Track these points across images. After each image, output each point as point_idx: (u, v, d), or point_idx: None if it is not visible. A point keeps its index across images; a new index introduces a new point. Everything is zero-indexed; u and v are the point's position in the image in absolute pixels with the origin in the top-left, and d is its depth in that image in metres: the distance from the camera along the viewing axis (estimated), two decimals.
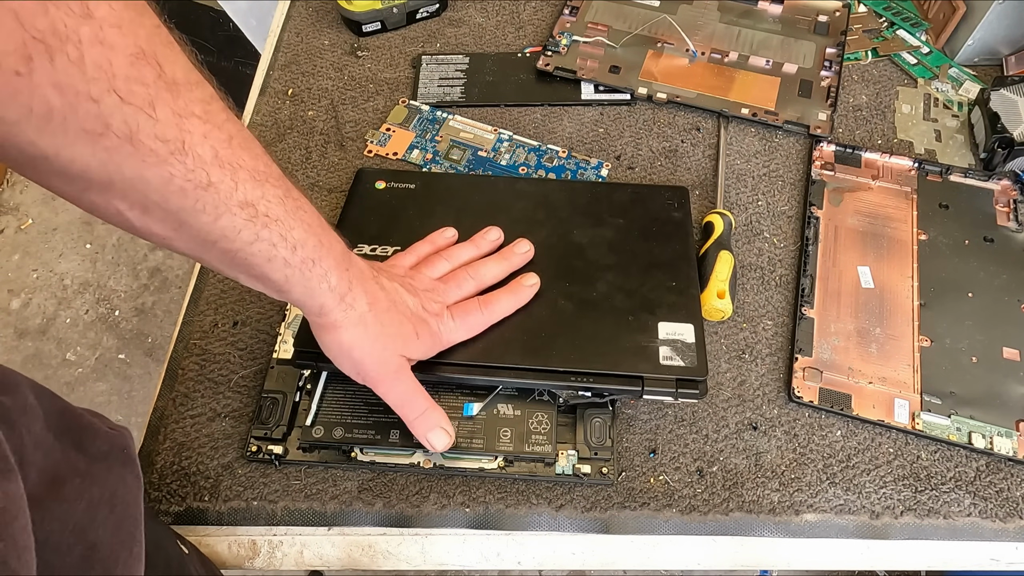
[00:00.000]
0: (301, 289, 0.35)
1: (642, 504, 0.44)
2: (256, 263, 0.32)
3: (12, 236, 1.49)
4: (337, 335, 0.38)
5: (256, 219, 0.31)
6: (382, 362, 0.39)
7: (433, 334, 0.41)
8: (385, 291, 0.39)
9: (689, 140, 0.60)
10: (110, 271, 1.45)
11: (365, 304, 0.38)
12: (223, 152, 0.29)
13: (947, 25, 0.65)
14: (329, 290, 0.36)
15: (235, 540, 0.44)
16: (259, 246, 0.32)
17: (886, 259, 0.53)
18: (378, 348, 0.39)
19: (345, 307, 0.37)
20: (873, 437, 0.46)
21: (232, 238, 0.31)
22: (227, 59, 1.16)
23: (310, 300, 0.36)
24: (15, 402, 0.27)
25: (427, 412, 0.41)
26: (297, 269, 0.34)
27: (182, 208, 0.28)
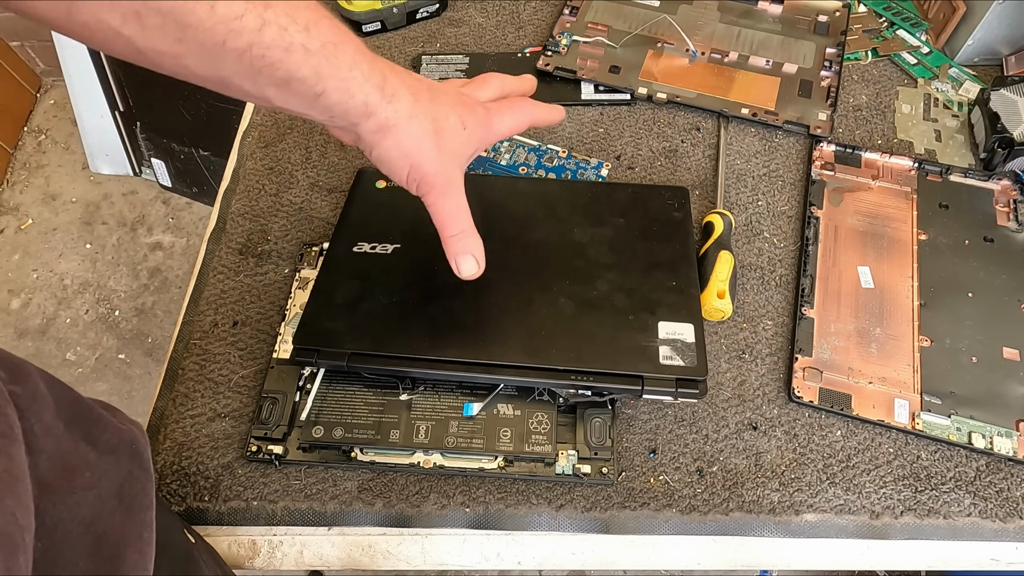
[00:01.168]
0: (336, 83, 0.32)
1: (642, 504, 0.44)
2: (275, 58, 0.30)
3: (12, 236, 1.49)
4: (396, 137, 0.35)
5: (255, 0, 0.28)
6: (442, 166, 0.37)
7: (481, 122, 0.39)
8: (422, 82, 0.36)
9: (689, 140, 0.60)
10: (110, 271, 1.45)
11: (408, 95, 0.35)
12: None
13: (947, 25, 0.65)
14: (364, 79, 0.33)
15: (235, 540, 0.44)
16: (269, 32, 0.29)
17: (886, 259, 0.53)
18: (435, 146, 0.36)
19: (389, 98, 0.34)
20: (873, 437, 0.46)
21: (238, 29, 0.28)
22: None
23: (351, 99, 0.33)
24: (26, 390, 0.27)
25: (465, 233, 0.39)
26: (321, 56, 0.31)
27: (173, 2, 0.26)
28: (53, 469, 0.27)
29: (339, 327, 0.44)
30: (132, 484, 0.32)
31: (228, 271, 0.53)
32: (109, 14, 0.26)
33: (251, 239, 0.55)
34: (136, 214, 1.51)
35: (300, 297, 0.50)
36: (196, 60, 0.29)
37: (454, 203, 0.38)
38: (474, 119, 0.38)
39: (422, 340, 0.44)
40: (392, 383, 0.46)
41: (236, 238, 0.55)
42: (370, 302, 0.46)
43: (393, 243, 0.49)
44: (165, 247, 1.48)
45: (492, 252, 0.48)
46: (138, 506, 0.32)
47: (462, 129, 0.37)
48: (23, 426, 0.26)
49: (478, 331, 0.44)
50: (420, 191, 0.38)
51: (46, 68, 1.61)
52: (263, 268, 0.53)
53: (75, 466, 0.29)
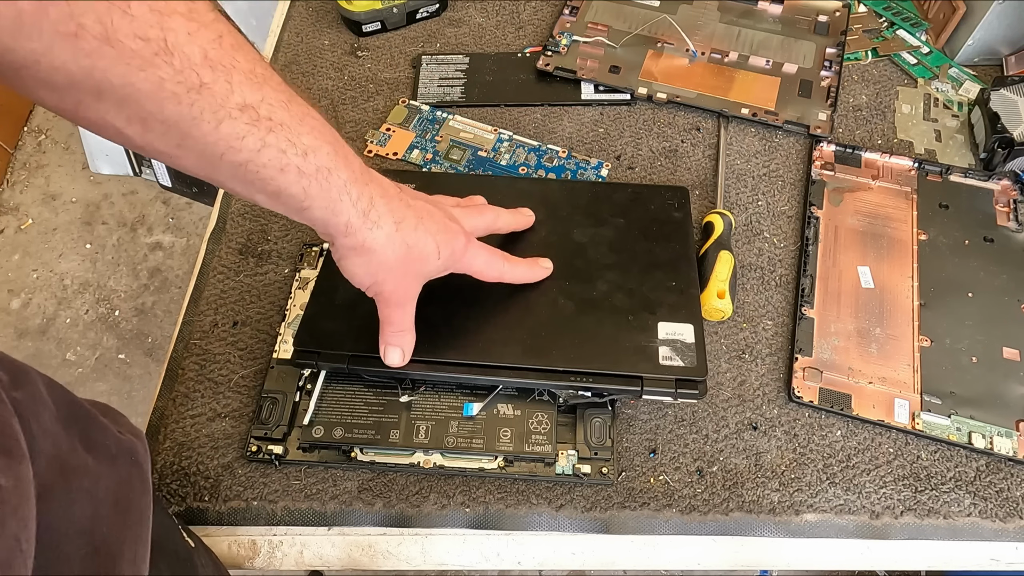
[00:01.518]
0: (322, 203, 0.33)
1: (642, 504, 0.44)
2: (268, 175, 0.31)
3: (12, 236, 1.49)
4: (366, 257, 0.36)
5: (259, 123, 0.29)
6: (402, 286, 0.39)
7: (456, 253, 0.40)
8: (412, 208, 0.38)
9: (689, 140, 0.60)
10: (110, 271, 1.45)
11: (391, 223, 0.36)
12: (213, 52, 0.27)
13: (947, 25, 0.65)
14: (352, 204, 0.34)
15: (235, 540, 0.44)
16: (268, 154, 0.30)
17: (886, 259, 0.53)
18: (401, 273, 0.38)
19: (370, 225, 0.35)
20: (873, 437, 0.46)
21: (237, 147, 0.29)
22: None
23: (334, 218, 0.34)
24: (27, 394, 0.27)
25: (404, 332, 0.41)
26: (313, 179, 0.32)
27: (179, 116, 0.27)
28: (51, 472, 0.27)
29: (340, 329, 0.44)
30: (130, 493, 0.32)
31: (228, 271, 0.53)
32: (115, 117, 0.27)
33: (251, 239, 0.55)
34: (136, 214, 1.51)
35: (300, 297, 0.50)
36: (193, 163, 0.30)
37: (403, 313, 0.41)
38: (450, 249, 0.39)
39: (422, 341, 0.44)
40: (392, 384, 0.46)
41: (236, 238, 0.55)
42: (371, 304, 0.46)
43: None
44: (165, 247, 1.48)
45: None
46: (135, 518, 0.32)
47: (436, 257, 0.39)
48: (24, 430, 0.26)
49: (478, 332, 0.44)
50: (376, 299, 0.40)
51: None
52: (263, 268, 0.53)
53: (73, 470, 0.29)
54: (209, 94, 0.28)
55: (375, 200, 0.35)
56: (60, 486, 0.28)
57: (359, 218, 0.35)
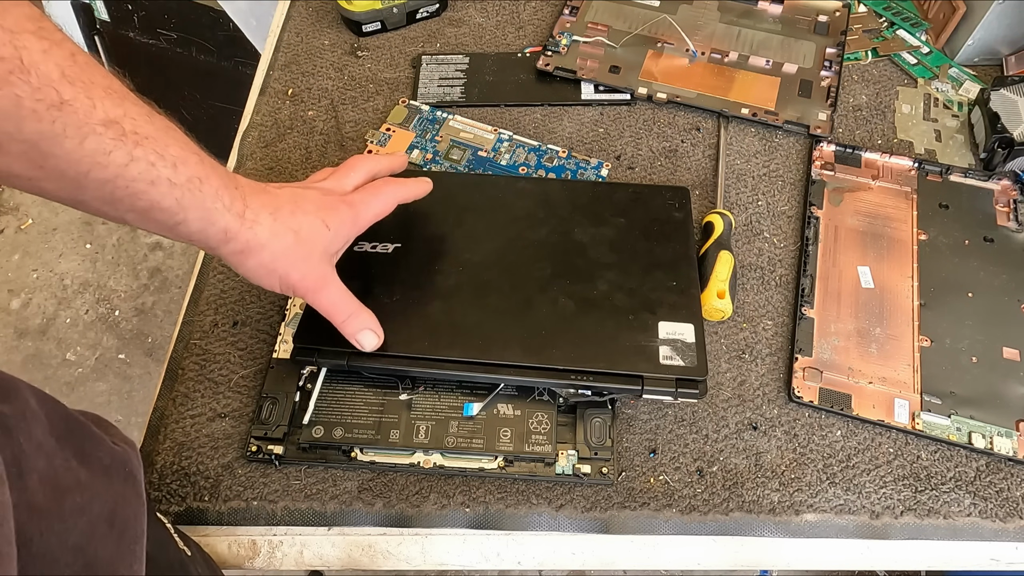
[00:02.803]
0: (198, 214, 0.33)
1: (642, 504, 0.44)
2: (139, 190, 0.30)
3: (12, 236, 1.49)
4: (258, 256, 0.37)
5: (125, 138, 0.29)
6: (307, 271, 0.39)
7: (345, 218, 0.40)
8: (280, 197, 0.38)
9: (689, 140, 0.60)
10: (110, 271, 1.45)
11: (268, 216, 0.36)
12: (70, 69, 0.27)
13: (947, 25, 0.65)
14: (226, 209, 0.34)
15: (235, 540, 0.44)
16: (136, 168, 0.30)
17: (886, 259, 0.53)
18: (300, 257, 0.38)
19: (249, 224, 0.36)
20: (873, 437, 0.46)
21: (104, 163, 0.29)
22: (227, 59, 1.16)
23: (211, 227, 0.34)
24: (14, 409, 0.27)
25: (353, 315, 0.41)
26: (185, 189, 0.32)
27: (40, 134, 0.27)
28: (44, 490, 0.27)
29: None
30: (124, 509, 0.31)
31: (228, 271, 0.53)
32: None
33: None
34: None
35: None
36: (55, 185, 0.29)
37: (332, 296, 0.40)
38: (337, 218, 0.40)
39: (422, 339, 0.44)
40: (392, 383, 0.46)
41: None
42: (371, 301, 0.46)
43: (393, 243, 0.49)
44: (165, 247, 1.48)
45: (492, 252, 0.49)
46: (130, 535, 0.31)
47: (326, 230, 0.39)
48: (12, 447, 0.25)
49: (478, 330, 0.44)
50: (297, 294, 0.40)
51: None
52: None
53: (66, 487, 0.28)
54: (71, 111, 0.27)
55: (248, 199, 0.36)
56: (53, 503, 0.27)
57: (236, 221, 0.35)
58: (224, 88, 1.21)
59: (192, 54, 1.19)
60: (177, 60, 1.20)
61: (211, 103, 1.26)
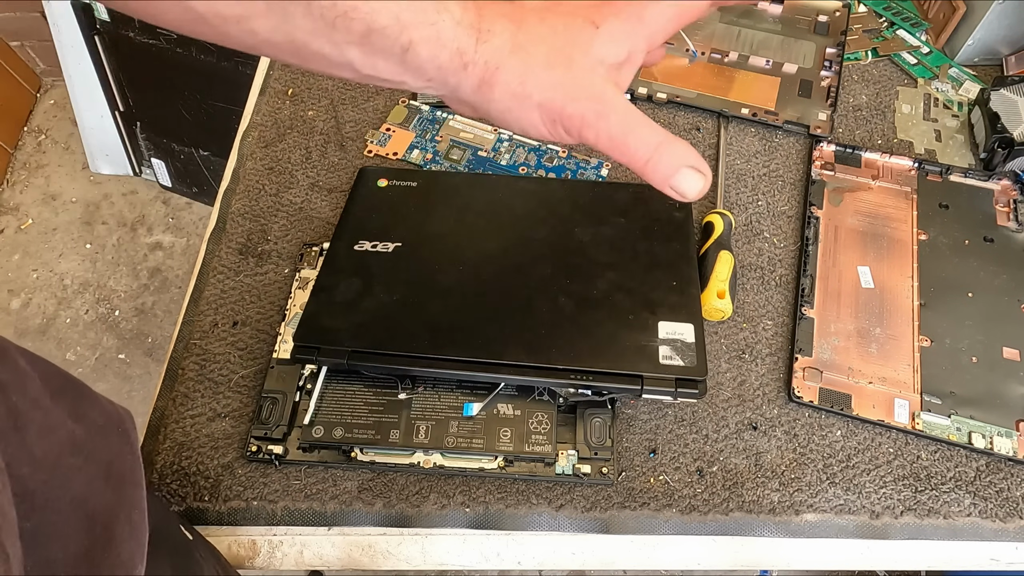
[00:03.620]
0: (423, 32, 0.27)
1: (642, 504, 0.44)
2: (348, 6, 0.25)
3: (12, 236, 1.49)
4: (503, 84, 0.29)
5: None
6: (575, 86, 0.29)
7: (620, 13, 0.29)
8: (528, 3, 0.30)
9: (689, 140, 0.60)
10: (110, 271, 1.45)
11: (508, 24, 0.28)
12: None
13: (947, 25, 0.65)
14: (456, 23, 0.27)
15: (235, 540, 0.44)
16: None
17: (886, 259, 0.53)
18: (559, 69, 0.29)
19: (484, 38, 0.28)
20: (873, 437, 0.46)
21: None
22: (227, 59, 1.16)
23: (443, 50, 0.27)
24: (6, 369, 0.26)
25: (661, 146, 0.29)
26: (404, 2, 0.26)
27: None
28: (42, 443, 0.26)
29: (340, 325, 0.44)
30: (121, 463, 0.30)
31: (228, 271, 0.53)
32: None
33: (251, 239, 0.55)
34: (136, 214, 1.51)
35: (300, 297, 0.50)
36: (264, 21, 0.25)
37: (619, 123, 0.29)
38: (611, 12, 0.29)
39: (423, 338, 0.44)
40: (392, 382, 0.46)
41: (236, 238, 0.55)
42: (371, 300, 0.46)
43: (394, 242, 0.49)
44: (165, 247, 1.48)
45: (493, 251, 0.49)
46: (129, 483, 0.30)
47: (594, 29, 0.29)
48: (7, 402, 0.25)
49: (478, 330, 0.44)
50: (571, 134, 0.30)
51: (46, 68, 1.61)
52: (263, 268, 0.53)
53: (64, 441, 0.27)
54: None
55: (483, 9, 0.28)
56: (52, 460, 0.26)
57: (470, 38, 0.28)
58: (224, 88, 1.21)
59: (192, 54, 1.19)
60: (177, 60, 1.20)
61: (211, 103, 1.26)
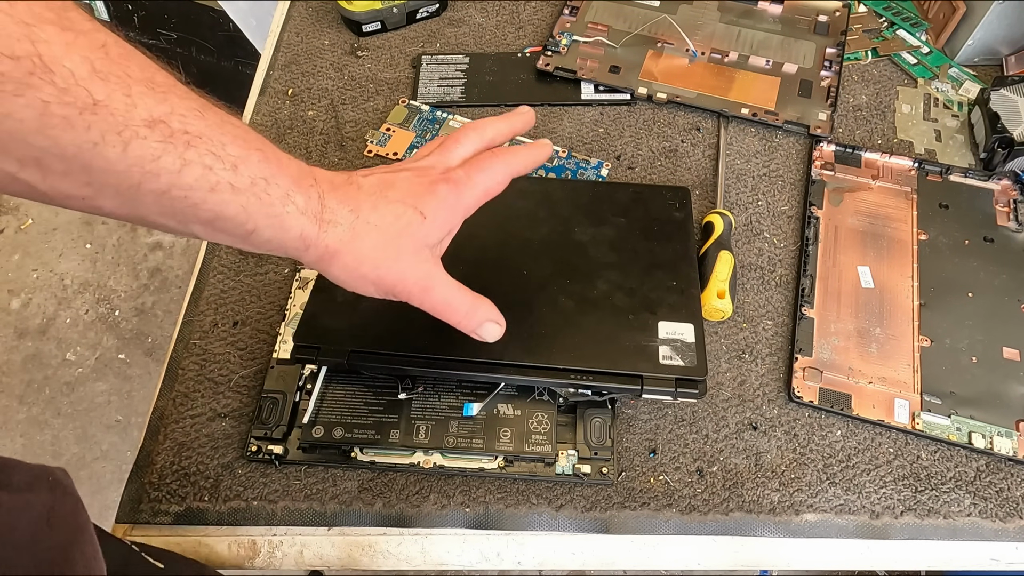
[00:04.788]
0: (268, 222, 0.29)
1: (642, 504, 0.44)
2: (199, 199, 0.27)
3: (12, 236, 1.49)
4: (343, 261, 0.32)
5: (174, 138, 0.25)
6: (404, 271, 0.34)
7: (444, 202, 0.34)
8: (364, 189, 0.34)
9: (689, 140, 0.60)
10: (110, 271, 1.45)
11: (348, 214, 0.32)
12: (101, 62, 0.24)
13: (947, 25, 0.65)
14: (300, 213, 0.30)
15: (235, 540, 0.44)
16: (192, 173, 0.26)
17: (886, 259, 0.53)
18: (390, 255, 0.33)
19: (326, 226, 0.31)
20: (873, 437, 0.46)
21: (154, 171, 0.25)
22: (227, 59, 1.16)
23: (286, 234, 0.30)
24: None
25: (469, 311, 0.36)
26: (250, 194, 0.28)
27: (77, 145, 0.24)
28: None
29: (340, 325, 0.44)
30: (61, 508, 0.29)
31: (228, 271, 0.53)
32: (5, 159, 0.23)
33: None
34: None
35: (300, 297, 0.50)
36: (112, 203, 0.26)
37: (441, 296, 0.35)
38: (435, 202, 0.34)
39: (423, 338, 0.44)
40: (392, 382, 0.46)
41: None
42: (371, 300, 0.45)
43: None
44: (165, 247, 1.48)
45: (493, 251, 0.49)
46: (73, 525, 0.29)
47: (421, 220, 0.34)
48: None
49: None
50: (399, 298, 0.35)
51: None
52: (263, 268, 0.53)
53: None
54: (107, 112, 0.24)
55: (325, 197, 0.32)
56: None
57: (313, 225, 0.31)
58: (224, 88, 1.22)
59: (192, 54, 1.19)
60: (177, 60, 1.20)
61: None
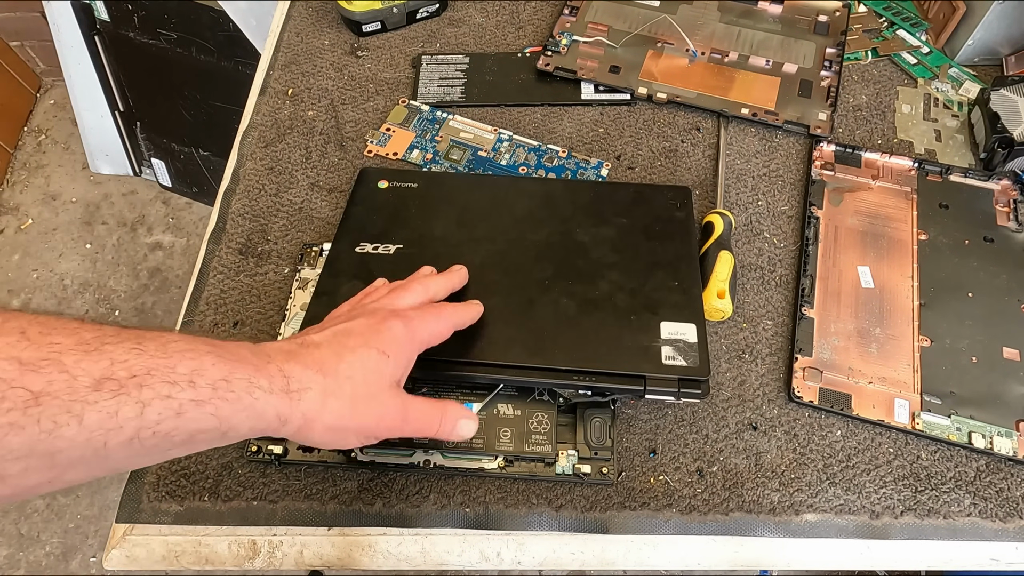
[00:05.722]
0: (242, 416, 0.29)
1: (642, 504, 0.44)
2: (169, 428, 0.26)
3: (12, 236, 1.49)
4: (320, 425, 0.33)
5: (124, 388, 0.25)
6: (382, 412, 0.35)
7: (397, 338, 0.36)
8: (323, 346, 0.35)
9: (689, 140, 0.60)
10: (110, 271, 1.45)
11: (316, 378, 0.33)
12: (27, 352, 0.23)
13: (947, 25, 0.65)
14: (267, 394, 0.30)
15: (235, 540, 0.44)
16: (154, 410, 0.26)
17: (886, 259, 0.53)
18: (366, 400, 0.34)
19: (298, 397, 0.32)
20: (873, 437, 0.46)
21: (117, 426, 0.25)
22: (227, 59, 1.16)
23: (262, 420, 0.30)
24: None
25: (444, 419, 0.38)
26: (216, 400, 0.28)
27: (33, 441, 0.23)
28: None
29: None
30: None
31: (228, 271, 0.53)
32: None
33: (251, 239, 0.55)
34: (136, 214, 1.51)
35: (300, 297, 0.50)
36: (80, 472, 0.26)
37: (416, 419, 0.37)
38: (394, 342, 0.36)
39: None
40: None
41: (236, 238, 0.55)
42: None
43: (395, 243, 0.49)
44: (165, 247, 1.48)
45: (493, 252, 0.49)
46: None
47: (384, 359, 0.35)
48: None
49: (480, 331, 0.44)
50: (380, 438, 0.36)
51: (46, 68, 1.61)
52: (263, 268, 0.53)
53: None
54: (50, 399, 0.23)
55: (286, 369, 0.32)
56: None
57: (284, 401, 0.31)
58: (224, 88, 1.21)
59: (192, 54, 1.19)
60: (177, 60, 1.20)
61: (211, 103, 1.26)
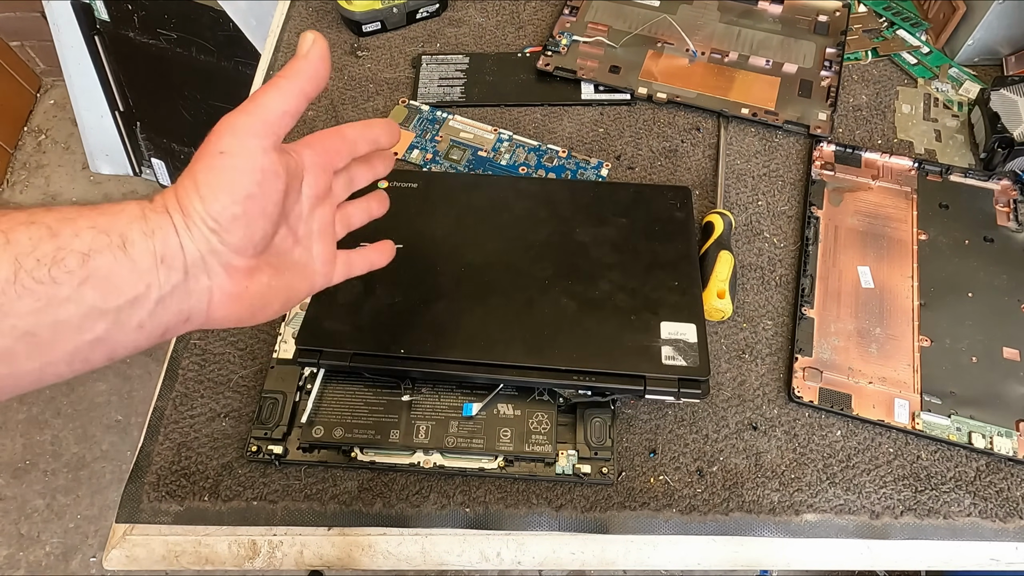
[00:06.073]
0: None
1: (642, 504, 0.44)
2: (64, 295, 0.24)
3: None
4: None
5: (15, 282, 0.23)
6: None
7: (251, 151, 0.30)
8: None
9: (689, 140, 0.60)
10: None
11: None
12: None
13: (947, 25, 0.65)
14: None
15: (235, 540, 0.44)
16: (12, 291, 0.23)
17: (886, 259, 0.53)
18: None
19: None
20: (873, 437, 0.46)
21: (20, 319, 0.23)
22: (227, 59, 1.16)
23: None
24: None
25: None
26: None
27: None
28: None
29: (342, 327, 0.44)
30: None
31: None
32: None
33: None
34: None
35: None
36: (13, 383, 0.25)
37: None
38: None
39: (424, 340, 0.44)
40: (392, 383, 0.46)
41: None
42: (372, 302, 0.46)
43: (395, 244, 0.49)
44: None
45: (493, 252, 0.49)
46: None
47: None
48: None
49: (480, 331, 0.44)
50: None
51: (46, 68, 1.61)
52: None
53: None
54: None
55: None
56: None
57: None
58: (224, 88, 1.21)
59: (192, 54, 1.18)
60: (177, 60, 1.20)
61: (211, 103, 1.26)
